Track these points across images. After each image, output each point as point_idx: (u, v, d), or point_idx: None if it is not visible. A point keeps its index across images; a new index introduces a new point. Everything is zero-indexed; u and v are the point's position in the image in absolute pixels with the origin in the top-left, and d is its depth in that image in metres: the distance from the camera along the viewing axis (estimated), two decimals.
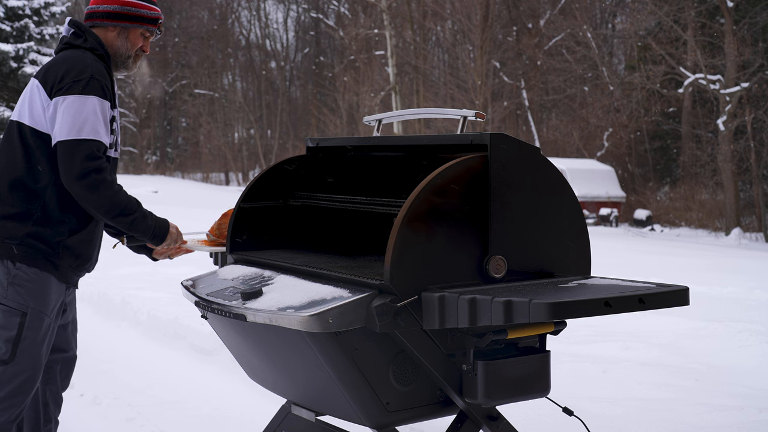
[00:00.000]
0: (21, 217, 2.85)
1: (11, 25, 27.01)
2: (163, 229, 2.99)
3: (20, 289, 2.84)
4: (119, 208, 2.82)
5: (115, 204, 2.81)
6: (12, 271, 2.84)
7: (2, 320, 2.84)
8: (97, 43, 2.98)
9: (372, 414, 2.63)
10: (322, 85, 42.82)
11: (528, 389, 2.70)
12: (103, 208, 2.81)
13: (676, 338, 6.48)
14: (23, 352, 2.83)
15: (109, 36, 3.03)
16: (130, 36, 3.05)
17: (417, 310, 2.46)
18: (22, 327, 2.82)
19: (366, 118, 3.45)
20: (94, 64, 2.88)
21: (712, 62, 23.82)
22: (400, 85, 30.12)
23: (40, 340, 2.87)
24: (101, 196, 2.78)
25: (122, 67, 3.09)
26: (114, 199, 2.81)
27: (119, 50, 3.04)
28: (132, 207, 2.87)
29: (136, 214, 2.87)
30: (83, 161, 2.75)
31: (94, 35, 3.00)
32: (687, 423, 4.36)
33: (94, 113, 2.80)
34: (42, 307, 2.87)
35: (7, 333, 2.82)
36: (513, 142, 2.64)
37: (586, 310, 2.31)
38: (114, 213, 2.82)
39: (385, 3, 28.40)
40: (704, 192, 26.35)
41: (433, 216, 2.49)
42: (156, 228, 2.96)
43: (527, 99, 31.68)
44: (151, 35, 3.11)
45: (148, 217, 2.93)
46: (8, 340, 2.81)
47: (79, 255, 2.95)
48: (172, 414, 4.40)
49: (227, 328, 2.97)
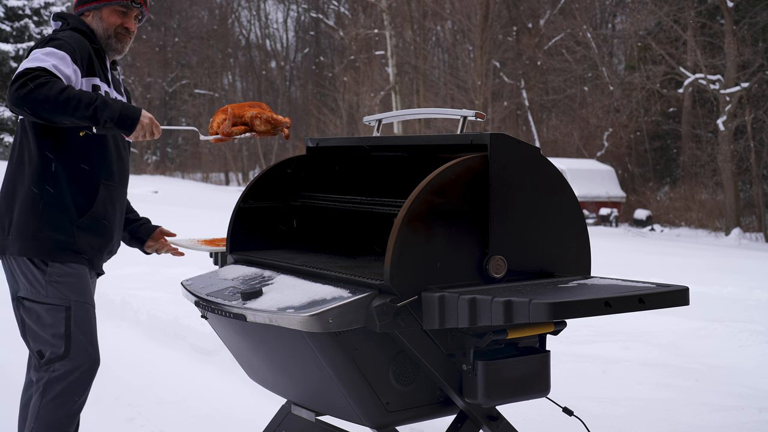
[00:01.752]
0: (31, 212, 2.85)
1: (11, 25, 27.03)
2: (131, 116, 2.70)
3: (59, 285, 2.85)
4: (71, 103, 2.60)
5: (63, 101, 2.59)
6: (46, 269, 2.85)
7: (49, 319, 2.85)
8: (78, 23, 2.98)
9: (372, 414, 2.63)
10: (322, 85, 42.82)
11: (528, 389, 2.70)
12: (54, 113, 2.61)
13: (676, 338, 6.48)
14: (77, 345, 2.84)
15: (89, 21, 3.02)
16: (104, 15, 3.01)
17: (417, 310, 2.46)
18: (69, 321, 2.84)
19: (366, 118, 3.45)
20: (64, 33, 2.86)
21: (712, 62, 23.83)
22: (400, 85, 30.11)
23: (89, 330, 2.90)
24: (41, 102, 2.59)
25: (109, 49, 3.04)
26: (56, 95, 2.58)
27: (98, 32, 3.01)
28: (88, 96, 2.63)
29: (95, 103, 2.62)
30: (15, 80, 2.62)
31: (75, 17, 3.01)
32: (687, 423, 4.36)
33: (43, 54, 2.71)
34: (84, 298, 2.90)
35: (56, 329, 2.84)
36: (513, 142, 2.64)
37: (586, 310, 2.31)
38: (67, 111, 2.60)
39: (385, 3, 28.40)
40: (704, 192, 26.36)
41: (433, 216, 2.49)
42: (122, 115, 2.67)
43: (527, 99, 31.69)
44: (128, 10, 3.03)
45: (110, 104, 2.66)
46: (59, 336, 2.83)
47: (96, 232, 2.94)
48: (172, 414, 4.40)
49: (227, 328, 2.97)
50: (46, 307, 2.85)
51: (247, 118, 3.07)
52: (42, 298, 2.86)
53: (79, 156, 2.91)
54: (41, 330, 2.87)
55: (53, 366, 2.83)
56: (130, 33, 3.06)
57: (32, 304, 2.88)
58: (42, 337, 2.87)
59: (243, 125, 3.07)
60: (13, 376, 5.07)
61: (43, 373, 2.85)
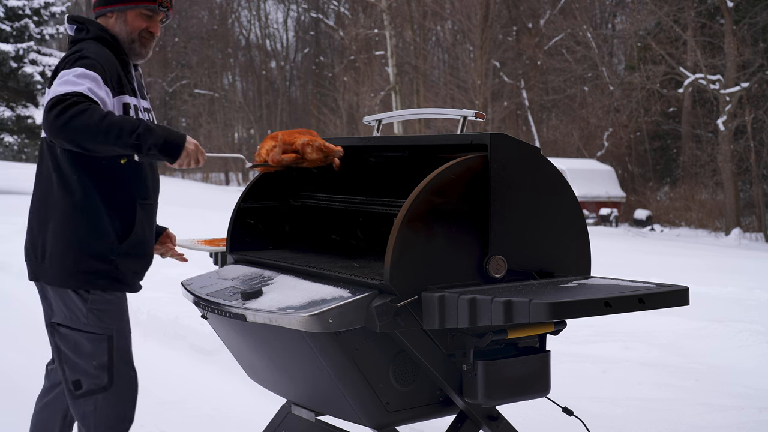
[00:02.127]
0: (69, 243, 2.72)
1: (11, 25, 27.02)
2: (176, 143, 2.57)
3: (100, 313, 2.74)
4: (113, 131, 2.47)
5: (105, 129, 2.46)
6: (88, 297, 2.74)
7: (90, 348, 2.73)
8: (99, 30, 2.83)
9: (372, 414, 2.63)
10: (322, 85, 42.82)
11: (528, 389, 2.70)
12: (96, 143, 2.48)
13: (676, 338, 6.48)
14: (119, 374, 2.76)
15: (110, 23, 2.86)
16: (128, 18, 2.85)
17: (417, 310, 2.46)
18: (111, 351, 2.74)
19: (366, 118, 3.45)
20: (90, 47, 2.72)
21: (712, 62, 23.84)
22: (400, 85, 30.12)
23: (129, 357, 2.82)
24: (82, 132, 2.45)
25: (132, 54, 2.88)
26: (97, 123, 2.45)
27: (121, 35, 2.85)
28: (130, 123, 2.50)
29: (138, 130, 2.50)
30: (51, 108, 2.47)
31: (96, 24, 2.85)
32: (687, 423, 4.36)
33: (75, 76, 2.57)
34: (124, 325, 2.81)
35: (99, 360, 2.73)
36: (513, 142, 2.64)
37: (586, 310, 2.31)
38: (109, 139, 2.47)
39: (385, 3, 28.40)
40: (704, 192, 26.37)
41: (433, 216, 2.49)
42: (166, 142, 2.55)
43: (527, 99, 31.70)
44: (155, 14, 2.87)
45: (154, 131, 2.53)
46: (101, 367, 2.73)
47: (137, 256, 2.83)
48: (172, 414, 4.40)
49: (227, 328, 2.97)
50: (86, 336, 2.74)
51: (298, 146, 2.93)
52: (82, 326, 2.74)
53: (115, 179, 2.76)
54: (80, 359, 2.74)
55: (95, 398, 2.74)
56: (155, 37, 2.92)
57: (70, 331, 2.75)
58: (81, 366, 2.74)
59: (293, 153, 2.93)
60: (12, 376, 5.08)
61: (83, 404, 2.74)
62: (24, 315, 6.76)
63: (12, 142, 26.95)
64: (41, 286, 2.83)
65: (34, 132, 27.43)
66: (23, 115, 26.89)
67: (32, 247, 2.81)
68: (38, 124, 26.93)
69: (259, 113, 44.71)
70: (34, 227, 2.81)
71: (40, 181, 2.82)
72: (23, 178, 25.66)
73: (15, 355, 5.55)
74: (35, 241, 2.79)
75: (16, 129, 27.26)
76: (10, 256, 9.49)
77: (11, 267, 9.02)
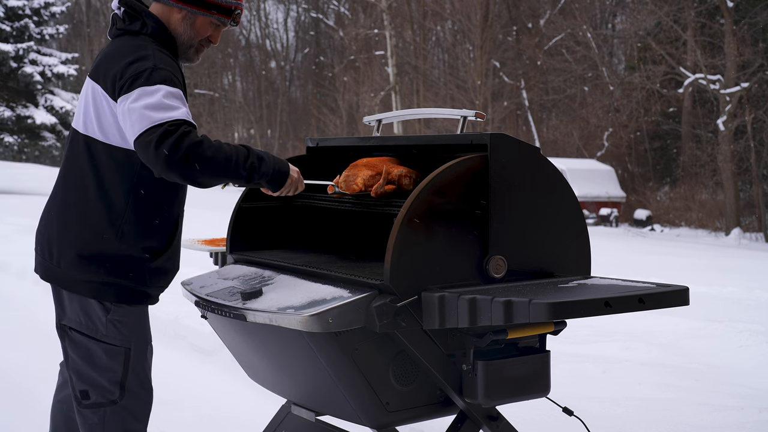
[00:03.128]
0: (100, 255, 2.53)
1: (11, 25, 27.02)
2: (283, 171, 2.54)
3: (120, 325, 2.58)
4: (230, 165, 2.38)
5: (221, 163, 2.37)
6: (111, 308, 2.57)
7: (105, 359, 2.57)
8: (159, 27, 2.58)
9: (372, 414, 2.63)
10: (322, 85, 42.83)
11: (528, 389, 2.70)
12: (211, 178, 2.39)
13: (676, 338, 6.48)
14: (131, 392, 2.60)
15: (174, 18, 2.61)
16: (197, 23, 2.63)
17: (417, 310, 2.46)
18: (127, 365, 2.58)
19: (366, 118, 3.45)
20: (157, 54, 2.48)
21: (712, 62, 23.84)
22: (400, 85, 30.12)
23: (145, 373, 2.66)
24: (199, 166, 2.33)
25: (182, 56, 2.68)
26: (214, 156, 2.35)
27: (181, 36, 2.63)
28: (242, 154, 2.42)
29: (250, 160, 2.44)
30: (160, 144, 2.31)
31: (154, 18, 2.59)
32: (687, 423, 4.36)
33: (163, 98, 2.38)
34: (144, 338, 2.65)
35: (113, 375, 2.57)
36: (513, 142, 2.64)
37: (586, 310, 2.31)
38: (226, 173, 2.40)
39: (385, 3, 28.40)
40: (704, 192, 26.38)
41: (433, 216, 2.49)
42: (275, 171, 2.52)
43: (527, 99, 31.70)
44: (223, 26, 2.68)
45: (264, 160, 2.48)
46: (114, 382, 2.57)
47: (167, 272, 2.68)
48: (172, 414, 4.40)
49: (227, 328, 2.97)
50: (102, 346, 2.57)
51: (395, 176, 2.86)
52: (99, 335, 2.57)
53: (164, 198, 2.61)
54: (92, 370, 2.58)
55: (104, 410, 2.58)
56: (209, 48, 2.76)
57: (84, 338, 2.58)
58: (91, 377, 2.58)
59: (391, 184, 2.85)
60: (13, 376, 5.07)
61: (89, 416, 2.59)
62: (24, 315, 6.76)
63: (12, 142, 26.96)
64: (57, 289, 2.65)
65: (34, 132, 27.44)
66: (23, 115, 26.90)
67: (48, 247, 2.61)
68: (38, 124, 26.94)
69: (259, 113, 44.71)
70: (53, 229, 2.60)
71: (68, 183, 2.60)
72: (23, 178, 25.65)
73: (15, 354, 5.55)
74: (49, 242, 2.60)
75: (16, 129, 27.27)
76: (11, 256, 9.50)
77: (11, 267, 9.02)
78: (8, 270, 9.02)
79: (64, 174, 2.62)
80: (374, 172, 2.88)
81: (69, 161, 2.61)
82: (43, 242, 2.64)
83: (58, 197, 2.63)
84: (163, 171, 2.34)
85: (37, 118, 26.82)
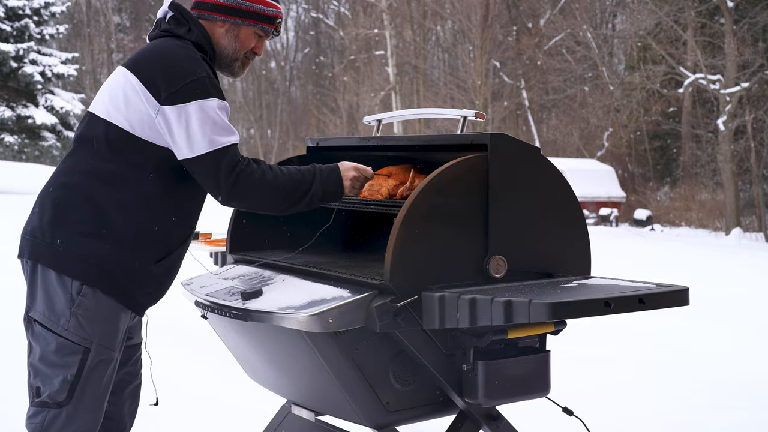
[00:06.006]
0: (101, 234, 2.41)
1: (11, 25, 27.01)
2: (333, 191, 2.58)
3: (84, 319, 2.40)
4: (294, 194, 2.49)
5: (285, 193, 2.48)
6: (75, 297, 2.40)
7: (60, 357, 2.39)
8: (203, 35, 2.55)
9: (372, 414, 2.63)
10: (322, 85, 42.82)
11: (528, 389, 2.70)
12: (277, 206, 2.51)
13: (676, 338, 6.49)
14: (78, 401, 2.41)
15: (217, 32, 2.59)
16: (241, 34, 2.60)
17: (417, 310, 2.46)
18: (83, 365, 2.40)
19: (366, 118, 3.45)
20: (198, 62, 2.45)
21: (712, 62, 23.83)
22: (400, 85, 30.13)
23: (103, 382, 2.47)
24: (266, 196, 2.46)
25: (227, 70, 2.65)
26: (279, 189, 2.46)
27: (226, 50, 2.60)
28: (300, 187, 2.51)
29: (312, 188, 2.52)
30: (228, 174, 2.39)
31: (200, 26, 2.56)
32: (687, 423, 4.36)
33: (218, 115, 2.41)
34: (109, 342, 2.45)
35: (65, 371, 2.39)
36: (513, 142, 2.64)
37: (586, 310, 2.31)
38: (290, 202, 2.51)
39: (385, 3, 28.40)
40: (704, 192, 26.38)
41: (433, 216, 2.49)
42: (326, 191, 2.56)
43: (527, 99, 31.70)
44: (267, 36, 2.65)
45: (316, 183, 2.54)
46: (65, 381, 2.39)
47: (162, 282, 2.56)
48: (171, 414, 4.40)
49: (227, 328, 2.97)
50: (60, 341, 2.40)
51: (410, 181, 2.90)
52: (60, 329, 2.40)
53: (175, 199, 2.52)
54: (46, 366, 2.42)
55: (46, 413, 2.41)
56: (255, 59, 2.71)
57: (44, 330, 2.42)
58: (45, 373, 2.42)
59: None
60: (13, 376, 5.07)
61: (34, 415, 2.43)
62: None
63: (12, 142, 26.95)
64: (32, 273, 2.47)
65: (34, 132, 27.44)
66: (23, 115, 26.90)
67: (41, 227, 2.46)
68: (38, 124, 26.94)
69: (259, 113, 44.70)
70: (52, 212, 2.45)
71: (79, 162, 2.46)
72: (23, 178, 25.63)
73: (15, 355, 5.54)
74: (47, 223, 2.45)
75: (16, 129, 27.26)
76: (11, 256, 9.49)
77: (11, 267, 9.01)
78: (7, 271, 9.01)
79: (69, 164, 2.49)
80: (398, 182, 2.90)
81: (80, 145, 2.49)
82: (35, 223, 2.48)
83: (56, 183, 2.49)
84: (225, 200, 2.44)
85: (37, 118, 26.82)
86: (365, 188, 2.89)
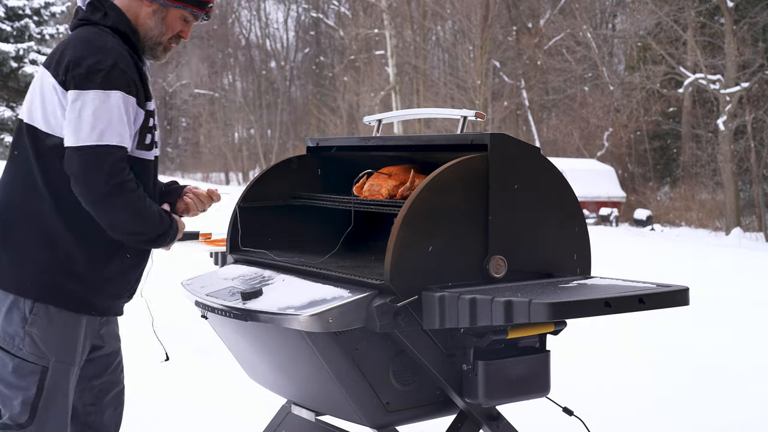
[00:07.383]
0: (47, 247, 2.34)
1: (11, 25, 27.02)
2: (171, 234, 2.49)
3: (38, 338, 2.33)
4: (149, 233, 2.38)
5: (146, 227, 2.36)
6: (28, 316, 2.33)
7: (17, 378, 2.34)
8: (121, 19, 2.42)
9: (372, 414, 2.63)
10: (322, 85, 42.83)
11: (528, 389, 2.70)
12: (125, 232, 2.35)
13: (676, 338, 6.48)
14: (45, 414, 2.36)
15: (143, 12, 2.46)
16: (168, 17, 2.48)
17: (417, 310, 2.46)
18: (42, 384, 2.34)
19: (366, 118, 3.45)
20: (116, 48, 2.33)
21: (712, 62, 23.84)
22: (400, 85, 30.14)
23: (63, 396, 2.40)
24: (131, 220, 2.32)
25: (149, 54, 2.51)
26: (140, 219, 2.34)
27: (150, 32, 2.47)
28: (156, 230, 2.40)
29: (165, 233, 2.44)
30: (110, 178, 2.24)
31: (117, 10, 2.43)
32: (688, 423, 4.36)
33: (118, 112, 2.27)
34: (67, 357, 2.40)
35: (24, 392, 2.34)
36: (513, 142, 2.64)
37: (586, 310, 2.31)
38: (142, 237, 2.39)
39: (385, 3, 28.40)
40: (704, 192, 26.38)
41: (433, 216, 2.49)
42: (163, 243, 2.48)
43: (527, 99, 31.71)
44: (196, 19, 2.55)
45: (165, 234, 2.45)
46: (25, 402, 2.34)
47: (122, 282, 2.49)
48: (171, 414, 4.41)
49: (227, 328, 2.97)
50: (16, 362, 2.34)
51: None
52: (15, 350, 2.34)
53: None
54: (5, 387, 2.37)
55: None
56: (179, 42, 2.58)
57: (0, 352, 2.37)
58: (5, 395, 2.37)
59: None
60: None
61: None
62: None
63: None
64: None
65: None
66: None
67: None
68: None
69: (259, 113, 44.72)
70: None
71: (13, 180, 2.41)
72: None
73: None
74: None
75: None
76: None
77: None
78: None
79: (9, 174, 2.44)
80: (398, 182, 2.89)
81: (12, 156, 2.44)
82: None
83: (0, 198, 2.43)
84: (88, 200, 2.27)
85: None
86: (365, 188, 2.89)
